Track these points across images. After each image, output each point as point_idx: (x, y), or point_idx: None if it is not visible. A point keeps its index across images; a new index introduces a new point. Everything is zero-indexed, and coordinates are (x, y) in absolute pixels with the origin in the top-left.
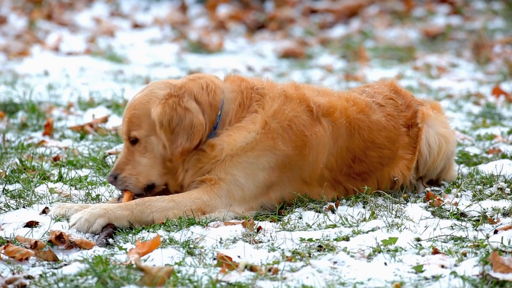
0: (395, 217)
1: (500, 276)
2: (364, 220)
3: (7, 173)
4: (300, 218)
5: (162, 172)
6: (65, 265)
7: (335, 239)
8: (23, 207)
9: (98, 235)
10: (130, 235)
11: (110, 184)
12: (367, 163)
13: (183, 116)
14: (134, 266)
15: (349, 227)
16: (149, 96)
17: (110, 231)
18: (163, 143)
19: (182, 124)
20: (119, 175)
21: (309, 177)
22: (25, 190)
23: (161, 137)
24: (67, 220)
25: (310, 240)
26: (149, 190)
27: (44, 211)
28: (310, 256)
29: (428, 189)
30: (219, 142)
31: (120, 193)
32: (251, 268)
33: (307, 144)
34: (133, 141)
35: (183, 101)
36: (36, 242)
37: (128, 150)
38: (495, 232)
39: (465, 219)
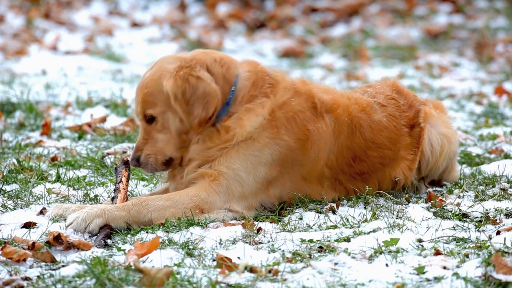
0: (396, 218)
1: (502, 277)
2: (365, 221)
3: (4, 174)
4: (301, 218)
5: (178, 146)
6: (63, 266)
7: (336, 240)
8: (21, 207)
9: (96, 236)
10: (129, 236)
11: (134, 167)
12: (368, 163)
13: (196, 86)
14: (133, 267)
15: (350, 228)
16: (160, 72)
17: (108, 232)
18: (180, 117)
19: (196, 93)
20: (140, 156)
21: (309, 174)
22: (23, 191)
23: (177, 110)
24: (65, 220)
25: (311, 241)
26: (168, 165)
27: (41, 212)
28: (310, 257)
29: (430, 189)
30: (234, 125)
31: (114, 194)
32: (251, 270)
33: (309, 139)
34: (150, 120)
35: (194, 70)
36: (33, 243)
37: (145, 130)
38: (498, 233)
39: (468, 220)
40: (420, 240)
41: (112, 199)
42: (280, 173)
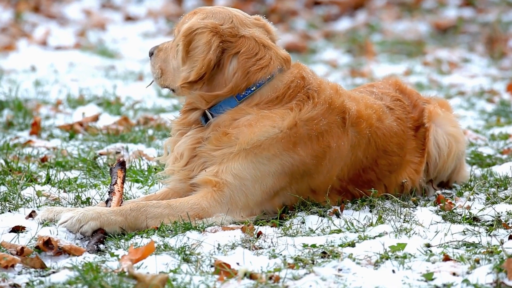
0: (403, 222)
1: None
2: (371, 225)
3: None
4: (303, 222)
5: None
6: (54, 272)
7: (340, 245)
8: (9, 211)
9: (88, 241)
10: (123, 240)
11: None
12: (376, 171)
13: (201, 45)
14: (127, 273)
15: (355, 232)
16: (206, 19)
17: (101, 237)
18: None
19: (196, 51)
20: (154, 53)
21: (318, 187)
22: (11, 193)
23: (178, 50)
24: (55, 224)
25: (314, 246)
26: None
27: (30, 215)
28: (313, 263)
29: (439, 192)
30: (235, 132)
31: (108, 196)
32: (251, 276)
33: (327, 156)
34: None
35: (222, 39)
36: (22, 248)
37: (174, 41)
38: (510, 237)
39: (478, 223)
40: (428, 245)
41: (107, 201)
42: (288, 184)
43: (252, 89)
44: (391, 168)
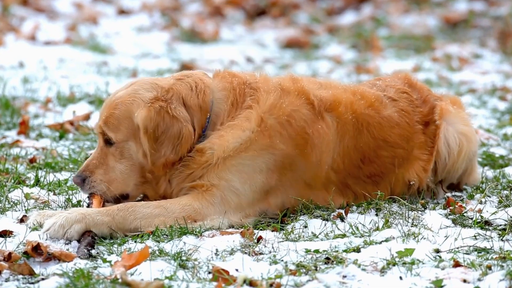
0: (411, 226)
1: None
2: (377, 229)
3: None
4: (305, 227)
5: (139, 181)
6: (43, 279)
7: (345, 251)
8: None
9: (78, 246)
10: (115, 245)
11: (78, 187)
12: (379, 163)
13: (170, 125)
14: (120, 280)
15: (360, 237)
16: (133, 97)
17: (90, 240)
18: (144, 151)
19: (169, 132)
20: (88, 177)
21: (313, 180)
22: None
23: (144, 143)
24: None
25: (317, 251)
26: (121, 201)
27: (22, 220)
28: (316, 270)
29: (449, 194)
30: (208, 145)
31: (88, 200)
32: (251, 283)
33: (309, 143)
34: (109, 143)
35: (171, 108)
36: (10, 253)
37: (102, 150)
38: None
39: (490, 228)
40: (437, 251)
41: (88, 205)
42: (279, 181)
43: (208, 116)
44: (395, 162)
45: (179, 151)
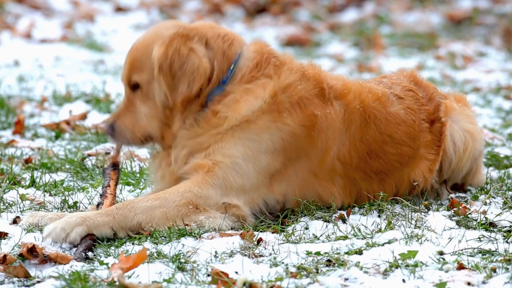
0: (414, 228)
1: None
2: (380, 230)
3: None
4: (306, 228)
5: (161, 122)
6: (38, 282)
7: (346, 253)
8: None
9: (76, 248)
10: (112, 248)
11: (107, 136)
12: (385, 160)
13: (185, 58)
14: (117, 283)
15: (362, 239)
16: (154, 36)
17: (90, 244)
18: (164, 91)
19: (184, 67)
20: (115, 124)
21: (319, 167)
22: None
23: (160, 83)
24: (41, 230)
25: (318, 253)
26: (144, 142)
27: (15, 221)
28: (317, 272)
29: (453, 195)
30: (223, 109)
31: (100, 199)
32: (251, 286)
33: (316, 126)
34: (134, 87)
35: (190, 41)
36: (5, 256)
37: (128, 98)
38: None
39: (495, 229)
40: (441, 253)
41: (97, 205)
42: (284, 164)
43: (231, 68)
44: (401, 160)
45: (193, 85)
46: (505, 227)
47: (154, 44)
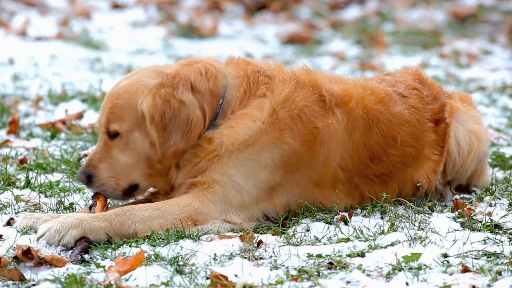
0: (418, 230)
1: None
2: (382, 232)
3: None
4: (308, 230)
5: (146, 172)
6: (34, 285)
7: (349, 255)
8: None
9: (71, 250)
10: (109, 250)
11: (83, 184)
12: (388, 162)
13: (177, 111)
14: (114, 286)
15: (364, 241)
16: (137, 85)
17: (86, 246)
18: (151, 141)
19: (177, 119)
20: (93, 174)
21: (320, 178)
22: None
23: (151, 133)
24: (36, 232)
25: (319, 256)
26: (131, 193)
27: (9, 223)
28: (319, 275)
29: (457, 196)
30: (218, 135)
31: (92, 201)
32: None
33: (318, 139)
34: (113, 136)
35: (177, 92)
36: None
37: (105, 144)
38: None
39: (500, 231)
40: (445, 255)
41: (90, 207)
42: (284, 178)
43: (220, 102)
44: (405, 161)
45: (189, 138)
46: (511, 229)
47: (138, 94)
